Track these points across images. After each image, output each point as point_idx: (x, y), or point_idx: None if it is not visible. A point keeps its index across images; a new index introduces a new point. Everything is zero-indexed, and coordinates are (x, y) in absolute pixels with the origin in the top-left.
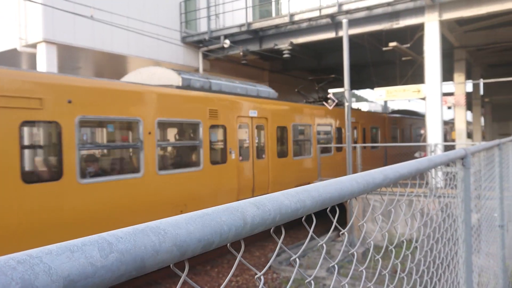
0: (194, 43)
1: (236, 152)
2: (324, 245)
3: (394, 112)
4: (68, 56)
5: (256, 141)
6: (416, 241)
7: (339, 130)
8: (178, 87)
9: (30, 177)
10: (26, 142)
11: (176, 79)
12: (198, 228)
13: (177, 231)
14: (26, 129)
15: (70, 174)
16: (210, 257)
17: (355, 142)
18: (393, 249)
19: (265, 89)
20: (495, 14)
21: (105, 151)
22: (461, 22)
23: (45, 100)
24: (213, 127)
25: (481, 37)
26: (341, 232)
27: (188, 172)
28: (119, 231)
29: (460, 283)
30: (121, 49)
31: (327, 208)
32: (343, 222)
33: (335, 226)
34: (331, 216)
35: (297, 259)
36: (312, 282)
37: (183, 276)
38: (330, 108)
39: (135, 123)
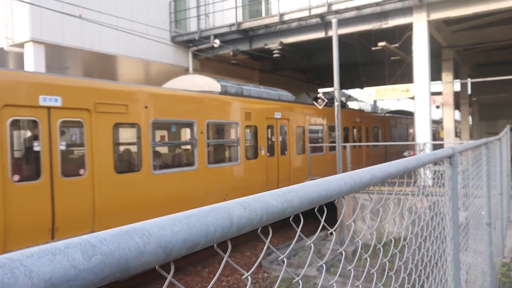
0: (184, 42)
1: (265, 149)
2: (312, 244)
3: (391, 112)
4: (56, 55)
5: (280, 139)
6: (405, 240)
7: (345, 129)
8: (219, 93)
9: (120, 169)
10: (117, 140)
11: (215, 86)
12: (183, 229)
13: (162, 232)
14: (117, 130)
15: (147, 166)
16: (201, 257)
17: (360, 141)
18: (381, 248)
19: (285, 93)
20: (481, 14)
21: (169, 147)
22: (448, 22)
23: (129, 106)
24: (247, 127)
25: (469, 37)
26: (329, 232)
27: (229, 166)
28: (103, 233)
29: (448, 281)
30: (110, 49)
31: (315, 207)
32: (334, 221)
33: (330, 225)
34: (319, 216)
35: (285, 259)
36: (300, 281)
37: (169, 277)
38: (320, 107)
39: (191, 124)
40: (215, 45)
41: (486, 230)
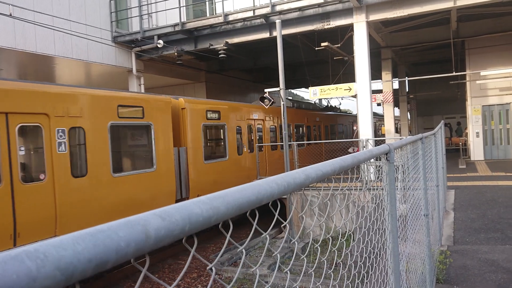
0: (126, 43)
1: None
2: (267, 236)
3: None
4: None
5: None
6: (350, 231)
7: (308, 128)
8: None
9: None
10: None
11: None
12: (88, 247)
13: (62, 253)
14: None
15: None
16: (150, 263)
17: (320, 138)
18: (330, 237)
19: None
20: (416, 16)
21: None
22: (386, 23)
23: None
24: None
25: (405, 38)
26: (282, 225)
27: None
28: None
29: (389, 273)
30: (46, 50)
31: (246, 212)
32: (284, 219)
33: (280, 222)
34: (251, 220)
35: (244, 250)
36: (243, 250)
37: None
38: (267, 107)
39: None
40: (159, 46)
41: (424, 221)
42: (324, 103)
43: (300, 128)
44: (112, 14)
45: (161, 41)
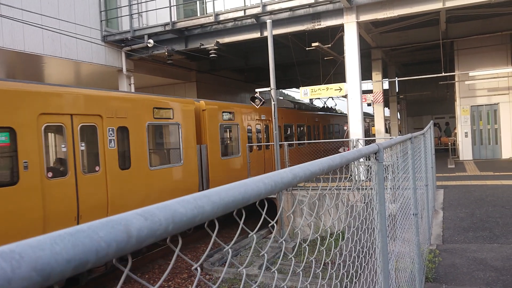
0: (116, 42)
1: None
2: (254, 236)
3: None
4: None
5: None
6: (341, 233)
7: (308, 127)
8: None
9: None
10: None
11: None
12: (67, 247)
13: (39, 254)
14: None
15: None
16: (140, 263)
17: (318, 137)
18: (319, 237)
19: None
20: (406, 16)
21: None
22: (376, 24)
23: (174, 110)
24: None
25: (395, 38)
26: (269, 224)
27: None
28: None
29: (378, 272)
30: (35, 49)
31: (232, 212)
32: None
33: (269, 222)
34: (237, 219)
35: (230, 250)
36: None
37: None
38: (258, 107)
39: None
40: (149, 45)
41: (413, 220)
42: (320, 104)
43: (301, 128)
44: (102, 13)
45: (151, 41)
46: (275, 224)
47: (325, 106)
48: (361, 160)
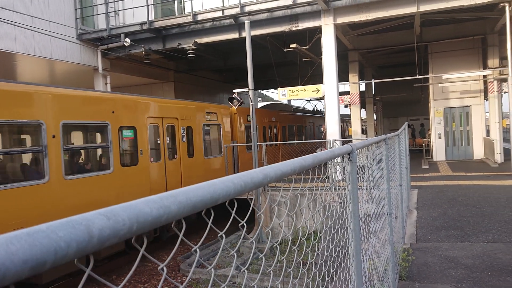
0: (91, 41)
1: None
2: (223, 235)
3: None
4: None
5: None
6: (313, 232)
7: (292, 127)
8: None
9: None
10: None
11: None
12: (23, 247)
13: None
14: None
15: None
16: (116, 266)
17: (299, 137)
18: (290, 236)
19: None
20: (381, 20)
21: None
22: (353, 26)
23: (218, 114)
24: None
25: (371, 41)
26: (239, 224)
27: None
28: None
29: (351, 271)
30: (6, 46)
31: (202, 211)
32: (253, 219)
33: (249, 222)
34: (206, 219)
35: (198, 250)
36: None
37: None
38: (236, 108)
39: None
40: (126, 44)
41: (387, 219)
42: (310, 107)
43: (296, 128)
44: (77, 10)
45: (128, 40)
46: (245, 224)
47: (315, 108)
48: (338, 160)
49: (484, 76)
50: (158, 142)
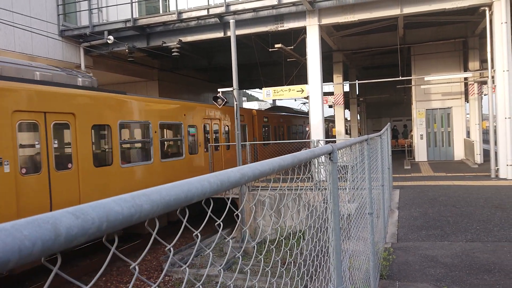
0: (74, 37)
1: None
2: (199, 234)
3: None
4: None
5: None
6: (292, 232)
7: (282, 127)
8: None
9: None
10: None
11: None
12: None
13: None
14: None
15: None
16: (97, 266)
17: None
18: (268, 235)
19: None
20: (366, 21)
21: None
22: (337, 27)
23: (244, 116)
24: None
25: (356, 42)
26: (216, 223)
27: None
28: None
29: (331, 269)
30: None
31: (177, 209)
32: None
33: (234, 221)
34: (181, 217)
35: (171, 249)
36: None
37: None
38: (220, 107)
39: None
40: (109, 42)
41: (369, 219)
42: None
43: (294, 127)
44: (59, 6)
45: (111, 37)
46: (221, 223)
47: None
48: (322, 160)
49: (465, 79)
50: (208, 136)
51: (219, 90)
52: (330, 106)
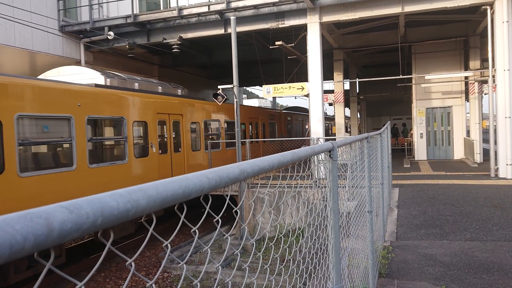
0: (74, 33)
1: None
2: (196, 231)
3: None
4: None
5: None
6: (291, 229)
7: (290, 123)
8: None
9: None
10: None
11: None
12: None
13: None
14: None
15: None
16: (95, 263)
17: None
18: (267, 232)
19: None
20: (367, 19)
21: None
22: (338, 25)
23: (274, 116)
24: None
25: (356, 40)
26: (214, 220)
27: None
28: None
29: (330, 267)
30: None
31: (175, 206)
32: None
33: (233, 218)
34: (178, 213)
35: (169, 245)
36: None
37: None
38: (220, 104)
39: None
40: (109, 37)
41: (368, 217)
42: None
43: (301, 124)
44: (59, 2)
45: (111, 33)
46: (219, 220)
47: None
48: (322, 158)
49: (466, 78)
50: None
51: (219, 87)
52: (330, 104)
